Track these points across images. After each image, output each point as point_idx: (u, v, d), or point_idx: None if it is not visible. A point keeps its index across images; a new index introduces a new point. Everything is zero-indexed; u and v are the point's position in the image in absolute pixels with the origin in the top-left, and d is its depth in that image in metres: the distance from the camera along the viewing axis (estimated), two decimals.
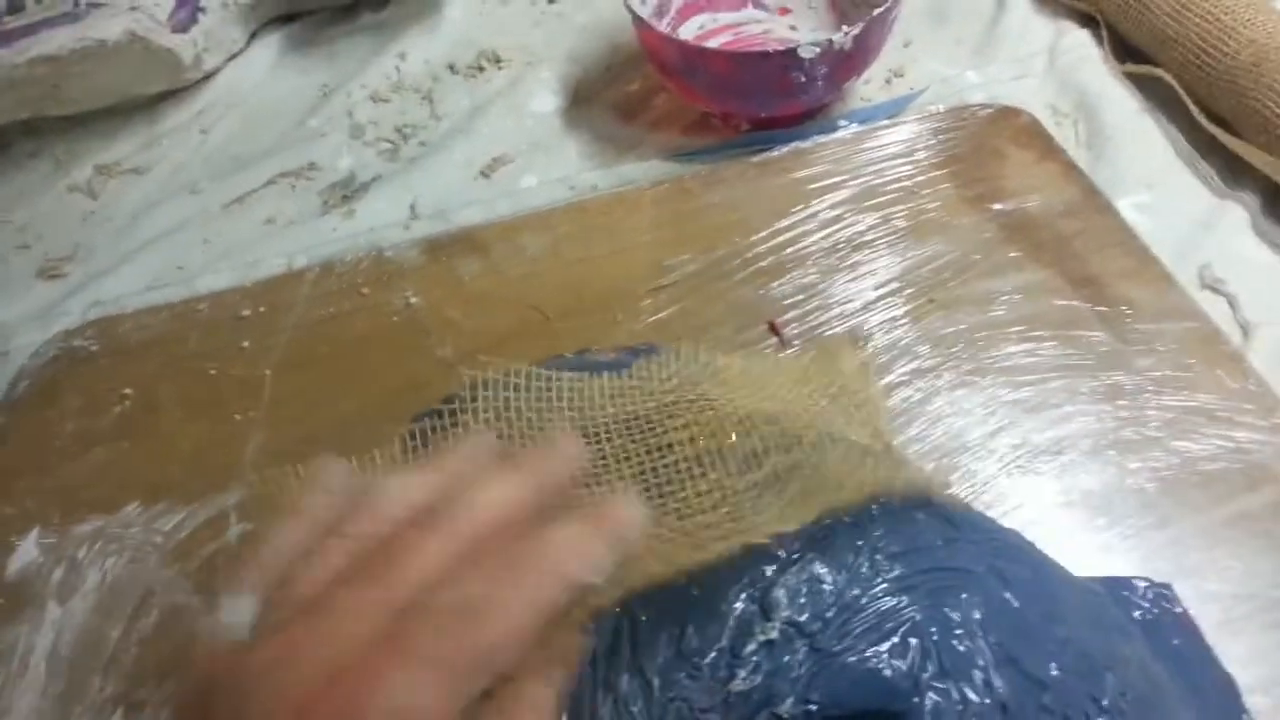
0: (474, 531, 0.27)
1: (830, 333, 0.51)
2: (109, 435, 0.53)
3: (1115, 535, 0.43)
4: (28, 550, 0.48)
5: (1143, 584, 0.40)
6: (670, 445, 0.35)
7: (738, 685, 0.28)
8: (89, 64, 0.63)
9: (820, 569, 0.30)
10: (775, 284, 0.54)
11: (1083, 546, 0.43)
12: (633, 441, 0.35)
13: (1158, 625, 0.39)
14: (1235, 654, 0.39)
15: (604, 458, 0.36)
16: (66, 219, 0.67)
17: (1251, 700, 0.38)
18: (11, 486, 0.51)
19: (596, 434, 0.36)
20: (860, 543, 0.30)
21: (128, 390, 0.54)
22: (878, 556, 0.30)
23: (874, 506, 0.32)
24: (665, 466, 0.34)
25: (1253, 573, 0.42)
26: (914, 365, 0.49)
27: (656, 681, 0.28)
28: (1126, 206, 0.56)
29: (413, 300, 0.57)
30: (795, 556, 0.30)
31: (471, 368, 0.52)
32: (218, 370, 0.55)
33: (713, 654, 0.28)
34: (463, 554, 0.26)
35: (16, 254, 0.65)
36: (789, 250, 0.56)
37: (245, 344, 0.55)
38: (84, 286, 0.62)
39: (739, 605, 0.29)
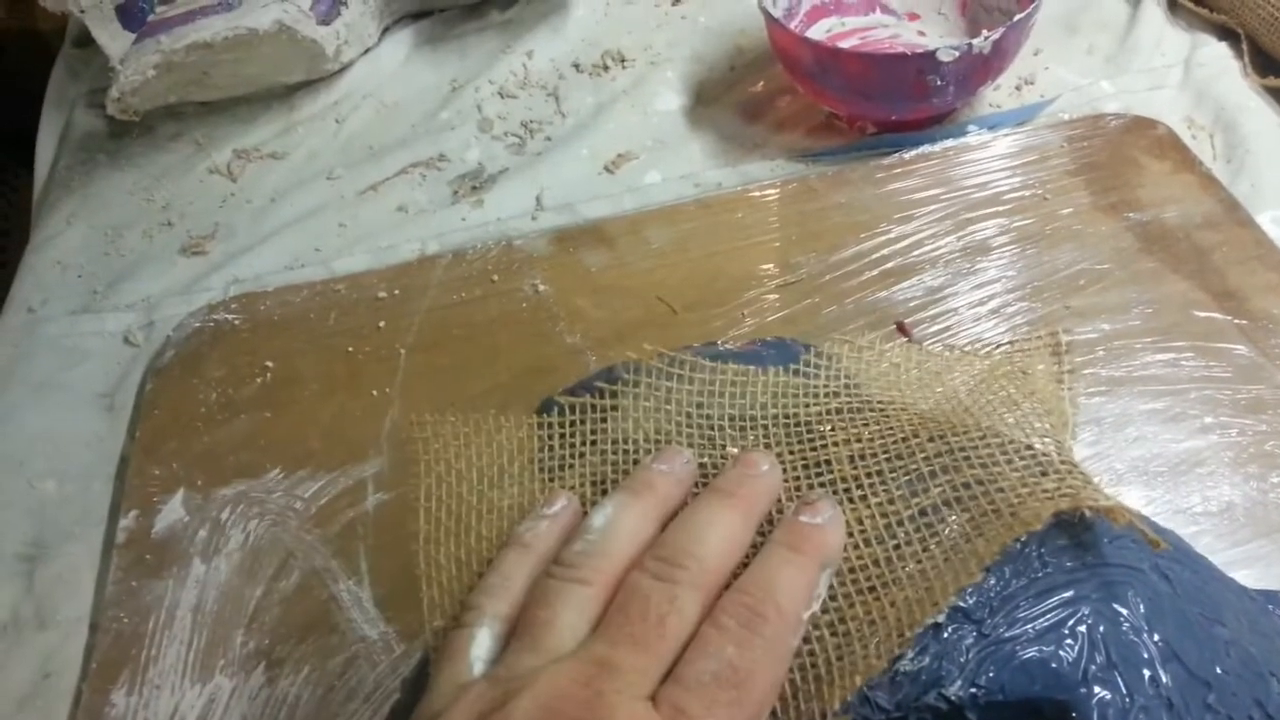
0: (714, 582, 0.28)
1: (960, 336, 0.51)
2: (251, 405, 0.55)
3: (1258, 548, 0.42)
4: (174, 510, 0.51)
5: None
6: (828, 461, 0.34)
7: (904, 665, 0.28)
8: (239, 52, 0.66)
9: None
10: (902, 285, 0.55)
11: (1224, 560, 0.42)
12: (790, 451, 0.35)
13: None
14: None
15: None
16: (207, 200, 0.70)
17: None
18: (159, 450, 0.54)
19: (756, 435, 0.36)
20: (1026, 534, 0.31)
21: (269, 363, 0.56)
22: (1044, 549, 0.30)
23: None
24: (821, 484, 0.33)
25: None
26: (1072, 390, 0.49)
27: None
28: (1267, 221, 0.55)
29: (541, 288, 0.58)
30: None
31: (599, 355, 0.54)
32: (354, 348, 0.56)
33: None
34: (706, 606, 0.27)
35: (160, 231, 0.68)
36: (916, 252, 0.56)
37: (381, 324, 0.57)
38: (225, 264, 0.64)
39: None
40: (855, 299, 0.54)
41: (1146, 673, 0.29)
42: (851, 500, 0.32)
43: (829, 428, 0.35)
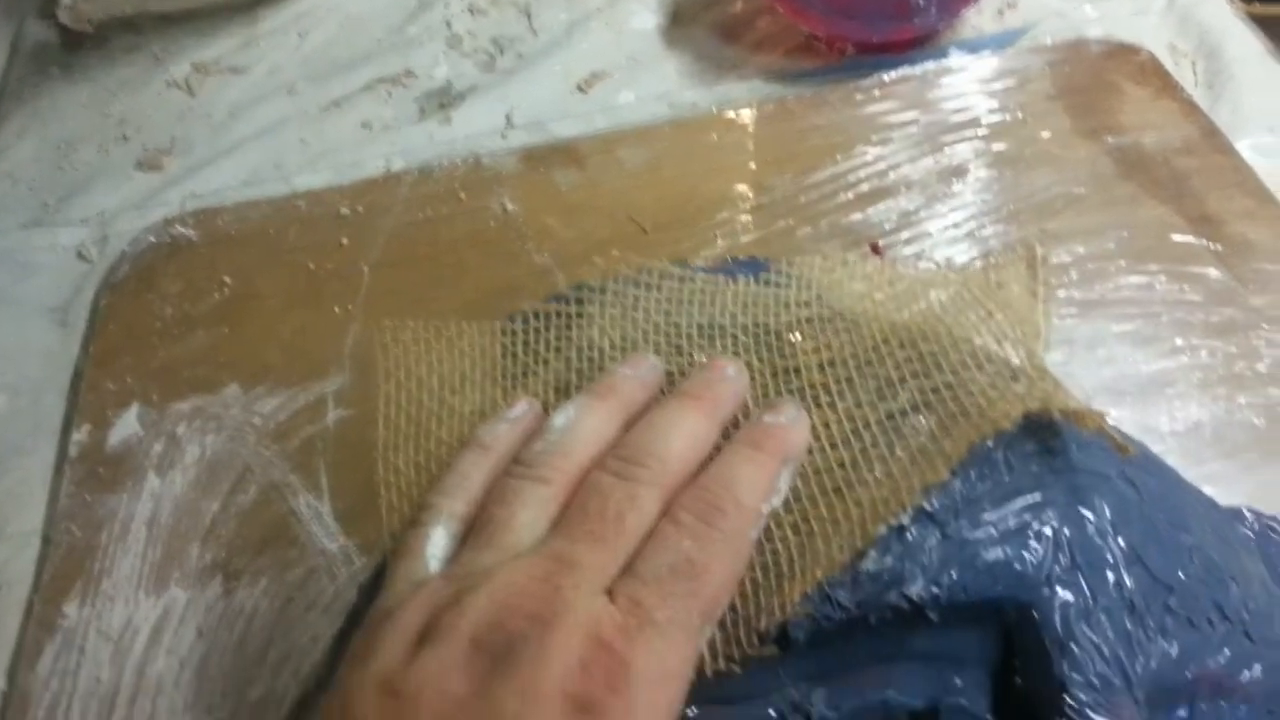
0: (675, 481, 0.27)
1: (934, 259, 0.50)
2: (208, 320, 0.53)
3: (1223, 468, 0.42)
4: (128, 424, 0.49)
5: (1250, 515, 0.39)
6: (797, 369, 0.33)
7: (867, 565, 0.28)
8: None
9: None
10: (877, 207, 0.54)
11: (1189, 478, 0.42)
12: (759, 359, 0.34)
13: (1266, 556, 0.38)
14: None
15: None
16: (164, 114, 0.68)
17: None
18: (113, 364, 0.52)
19: (725, 344, 0.35)
20: (993, 440, 0.30)
21: (227, 278, 0.55)
22: (1012, 453, 0.30)
23: None
24: (790, 391, 0.33)
25: None
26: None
27: None
28: (1246, 148, 0.55)
29: (509, 207, 0.57)
30: None
31: (568, 275, 0.53)
32: (316, 264, 0.55)
33: None
34: (666, 504, 0.27)
35: (115, 145, 0.66)
36: (892, 175, 0.55)
37: (344, 241, 0.56)
38: (182, 179, 0.62)
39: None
40: (829, 221, 0.53)
41: (1109, 575, 0.29)
42: (819, 405, 0.31)
43: (798, 336, 0.34)
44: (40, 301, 0.57)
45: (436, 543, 0.29)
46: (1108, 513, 0.29)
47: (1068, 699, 0.27)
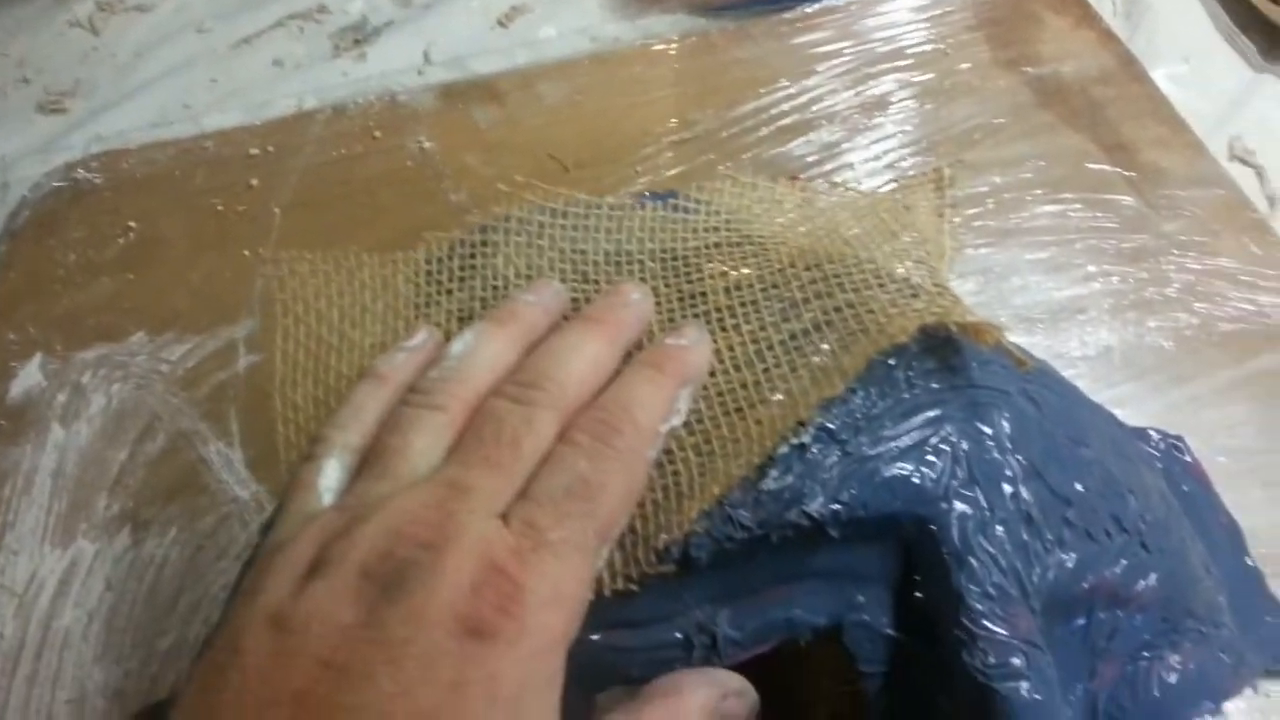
0: (573, 405, 0.27)
1: (864, 188, 0.50)
2: (113, 267, 0.52)
3: (1131, 390, 0.43)
4: (30, 374, 0.48)
5: (1156, 435, 0.40)
6: (703, 293, 0.33)
7: (769, 484, 0.28)
8: None
9: (854, 381, 0.29)
10: (799, 141, 0.53)
11: (1100, 401, 0.42)
12: (665, 285, 0.34)
13: (1169, 474, 0.39)
14: (1241, 502, 0.39)
15: None
16: (67, 54, 0.65)
17: (1254, 545, 0.38)
18: (14, 313, 0.50)
19: (631, 270, 0.35)
20: (896, 357, 0.30)
21: (132, 223, 0.53)
22: (913, 371, 0.30)
23: None
24: (695, 315, 0.32)
25: (1265, 429, 0.42)
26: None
27: None
28: (1162, 77, 0.55)
29: (426, 145, 0.55)
30: None
31: (486, 213, 0.52)
32: (225, 207, 0.53)
33: None
34: (564, 427, 0.27)
35: (15, 88, 0.63)
36: (815, 108, 0.55)
37: (254, 182, 0.54)
38: (86, 122, 0.60)
39: None
40: (752, 155, 0.53)
41: (1007, 489, 0.29)
42: (724, 329, 0.31)
43: (706, 261, 0.34)
44: None
45: (330, 475, 0.28)
46: (1006, 428, 0.30)
47: (965, 609, 0.27)
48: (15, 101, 0.62)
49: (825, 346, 0.29)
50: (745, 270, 0.33)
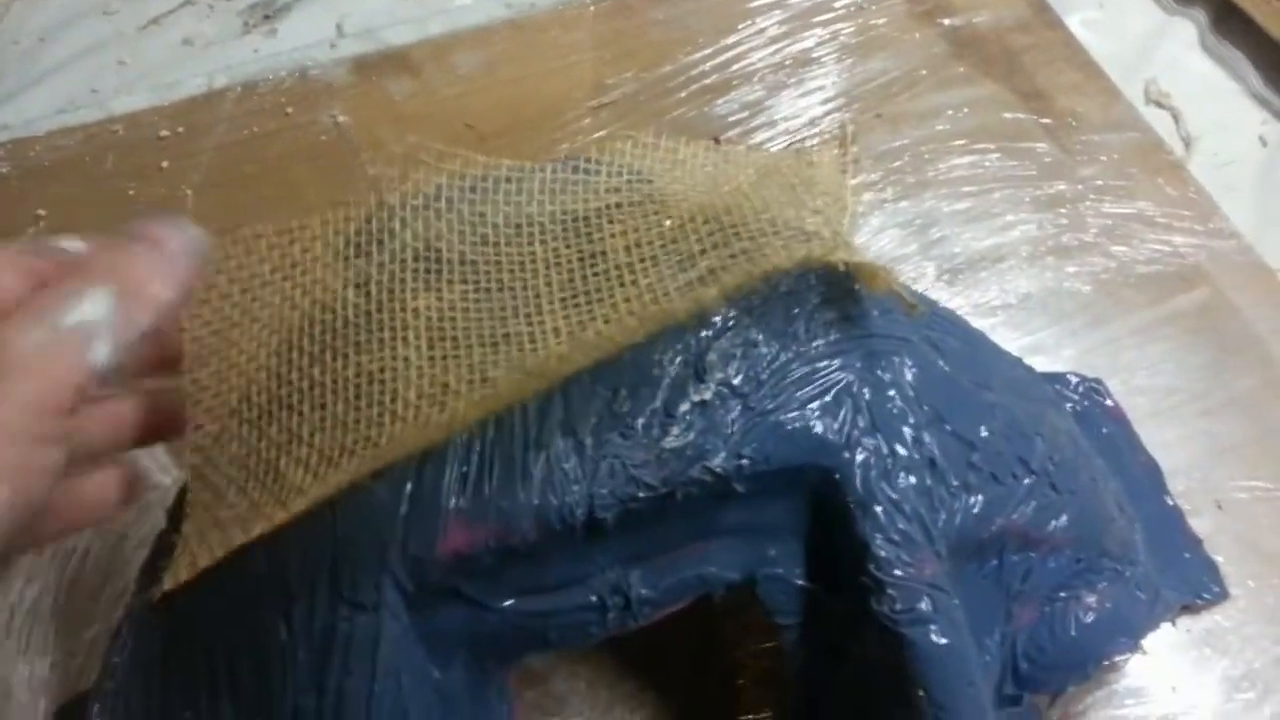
0: None
1: (786, 145, 0.50)
2: None
3: (1051, 335, 0.44)
4: None
5: (1075, 379, 0.41)
6: (604, 253, 0.33)
7: (670, 442, 0.28)
8: None
9: (755, 334, 0.29)
10: (720, 101, 0.53)
11: (1018, 348, 0.43)
12: (566, 246, 0.34)
13: (1088, 417, 0.39)
14: (1161, 441, 0.40)
15: (533, 261, 0.34)
16: None
17: (1174, 483, 0.39)
18: None
19: (531, 233, 0.34)
20: (796, 310, 0.30)
21: (41, 211, 0.52)
22: (813, 323, 0.30)
23: (812, 275, 0.31)
24: (595, 275, 0.32)
25: (1182, 368, 0.42)
26: (858, 179, 0.49)
27: (589, 441, 0.28)
28: (1076, 23, 0.55)
29: (341, 120, 0.54)
30: (730, 323, 0.29)
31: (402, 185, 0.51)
32: (137, 191, 0.52)
33: (645, 414, 0.28)
34: None
35: None
36: (735, 67, 0.54)
37: (165, 164, 0.53)
38: None
39: (672, 368, 0.29)
40: (673, 117, 0.53)
41: (910, 435, 0.29)
42: (624, 285, 0.31)
43: (606, 221, 0.33)
44: None
45: None
46: (908, 375, 0.30)
47: (871, 557, 0.28)
48: None
49: (717, 288, 0.29)
50: (645, 228, 0.33)
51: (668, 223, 0.33)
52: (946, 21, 0.55)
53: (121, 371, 0.25)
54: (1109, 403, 0.40)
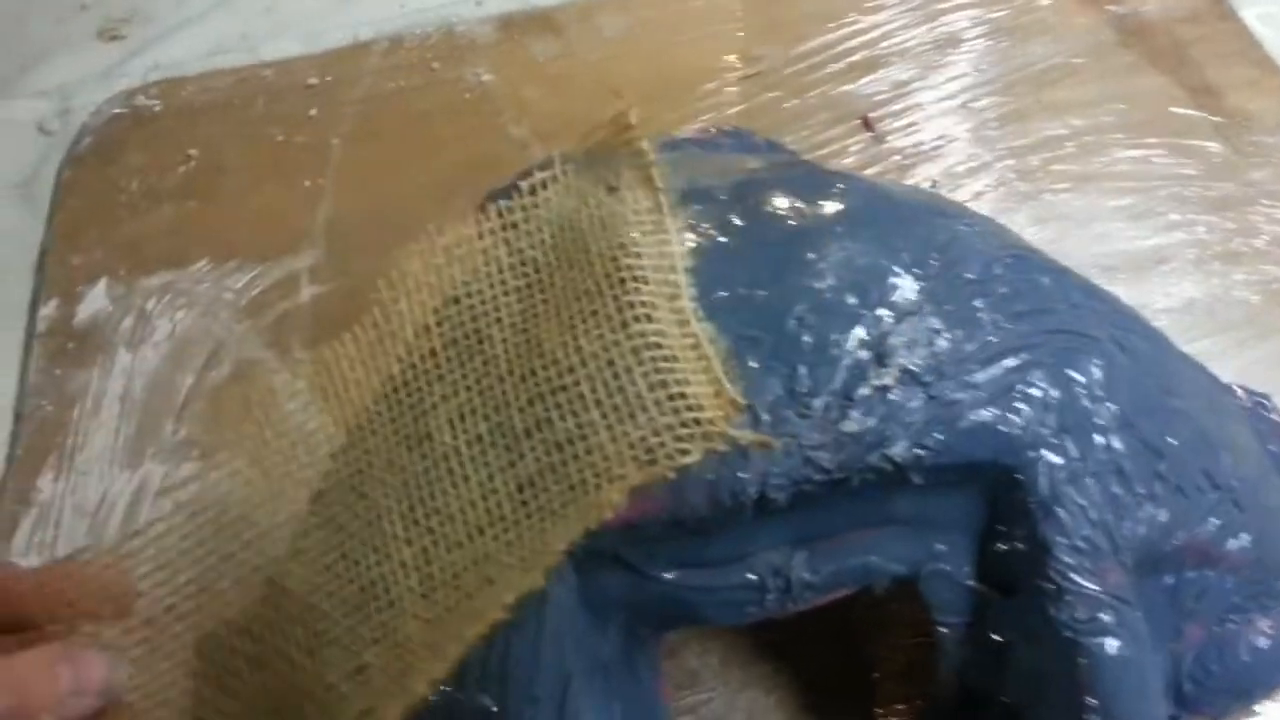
0: None
1: (926, 131, 0.48)
2: (175, 194, 0.51)
3: (1214, 344, 0.42)
4: (96, 299, 0.48)
5: (1242, 391, 0.39)
6: (429, 435, 0.28)
7: (849, 426, 0.27)
8: None
9: (938, 322, 0.28)
10: (868, 79, 0.52)
11: None
12: (392, 420, 0.29)
13: (1255, 431, 0.38)
14: None
15: (365, 449, 0.30)
16: None
17: None
18: (79, 239, 0.50)
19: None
20: (981, 299, 0.29)
21: (193, 151, 0.53)
22: (999, 315, 0.29)
23: (998, 266, 0.30)
24: (426, 468, 0.28)
25: None
26: (1015, 164, 0.47)
27: (766, 418, 0.27)
28: (1252, 17, 0.53)
29: (485, 78, 0.54)
30: (913, 307, 0.29)
31: (545, 149, 0.51)
32: (284, 137, 0.53)
33: (824, 395, 0.27)
34: None
35: (73, 15, 0.63)
36: (884, 44, 0.53)
37: (312, 112, 0.54)
38: (144, 50, 0.60)
39: (851, 349, 0.28)
40: (819, 93, 0.52)
41: (1098, 439, 0.28)
42: (455, 484, 0.27)
43: (425, 376, 0.29)
44: (4, 175, 0.55)
45: None
46: (1097, 375, 0.29)
47: (1052, 562, 0.27)
48: (74, 29, 0.62)
49: (549, 504, 0.25)
50: (464, 383, 0.28)
51: (486, 379, 0.28)
52: (1112, 9, 0.53)
53: None
54: (1275, 419, 0.39)
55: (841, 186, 0.32)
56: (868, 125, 0.49)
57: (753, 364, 0.28)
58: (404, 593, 0.27)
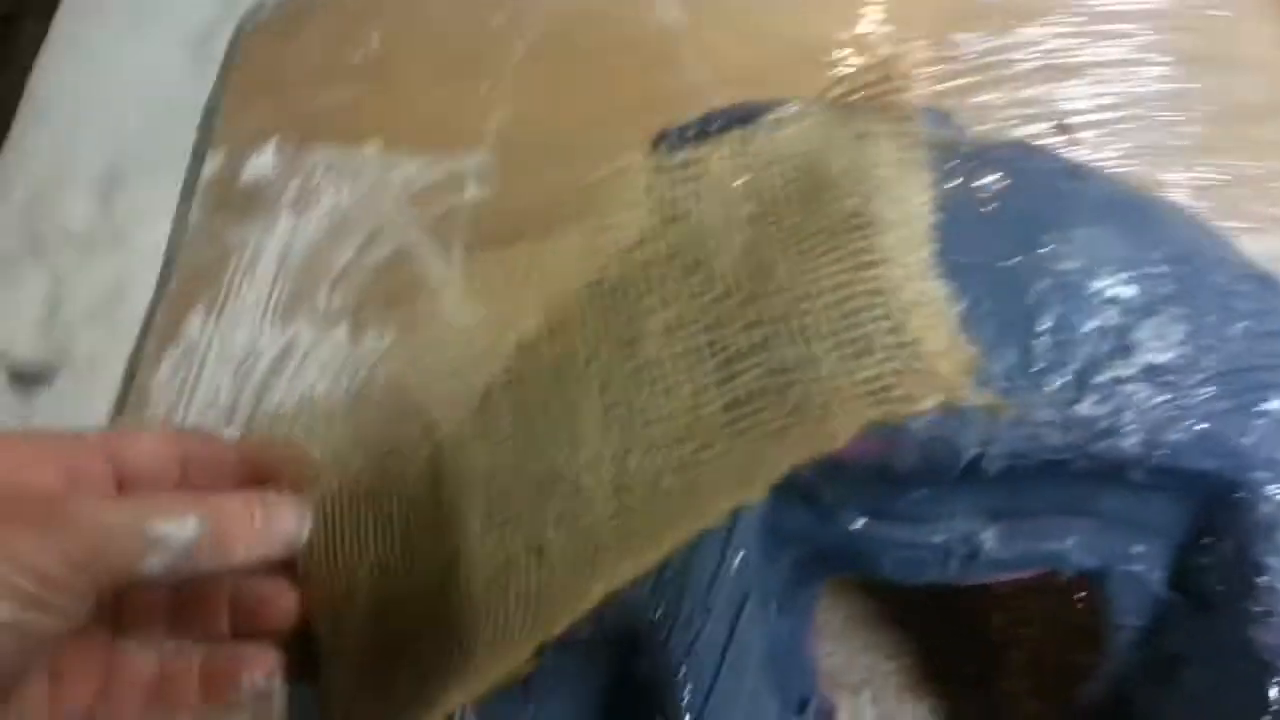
0: None
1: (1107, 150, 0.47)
2: (352, 75, 0.51)
3: None
4: (265, 159, 0.48)
5: None
6: (639, 338, 0.28)
7: (1083, 410, 0.26)
8: None
9: (1185, 325, 0.28)
10: (1073, 83, 0.50)
11: None
12: (604, 326, 0.29)
13: None
14: None
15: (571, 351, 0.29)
16: None
17: None
18: (250, 100, 0.51)
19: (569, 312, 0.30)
20: (1228, 311, 0.28)
21: (375, 35, 0.53)
22: (1244, 328, 0.28)
23: (1244, 283, 0.29)
24: (633, 374, 0.27)
25: None
26: (1202, 195, 0.46)
27: (1000, 385, 0.26)
28: None
29: (674, 15, 0.53)
30: (1159, 303, 0.28)
31: (724, 98, 0.50)
32: (467, 39, 0.53)
33: (1060, 373, 0.27)
34: None
35: None
36: (1086, 52, 0.51)
37: (498, 21, 0.53)
38: None
39: (1092, 334, 0.27)
40: (1010, 89, 0.50)
41: None
42: (664, 393, 0.27)
43: (644, 287, 0.29)
44: (180, 30, 0.55)
45: None
46: None
47: (1263, 585, 0.26)
48: None
49: (761, 427, 0.25)
50: (683, 297, 0.28)
51: (707, 296, 0.28)
52: None
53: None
54: None
55: (1090, 174, 0.31)
56: (1064, 130, 0.48)
57: (990, 330, 0.27)
58: (594, 485, 0.27)
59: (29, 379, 0.43)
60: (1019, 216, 0.29)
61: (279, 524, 0.28)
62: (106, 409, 0.42)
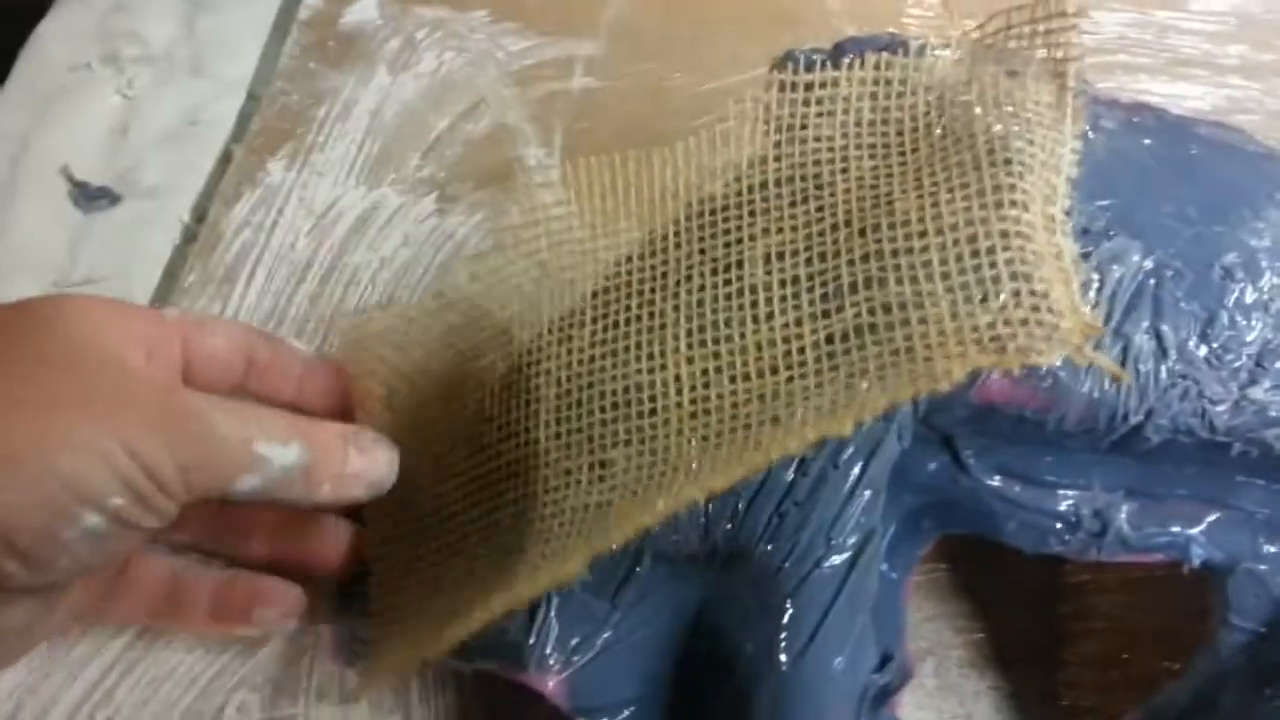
0: None
1: None
2: None
3: None
4: (367, 8, 0.45)
5: None
6: (740, 261, 0.26)
7: (1257, 393, 0.25)
8: None
9: None
10: (1196, 88, 0.48)
11: None
12: (700, 248, 0.28)
13: None
14: None
15: (662, 269, 0.28)
16: None
17: None
18: None
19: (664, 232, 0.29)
20: None
21: None
22: None
23: None
24: (728, 297, 0.26)
25: None
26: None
27: (1174, 355, 0.25)
28: None
29: None
30: None
31: (856, 28, 0.48)
32: None
33: (1238, 352, 0.25)
34: None
35: None
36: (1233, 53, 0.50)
37: None
38: None
39: (1276, 320, 0.26)
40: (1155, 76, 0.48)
41: None
42: (756, 321, 0.25)
43: (748, 211, 0.27)
44: None
45: None
46: None
47: None
48: None
49: (859, 365, 0.23)
50: (790, 225, 0.27)
51: (816, 226, 0.26)
52: None
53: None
54: None
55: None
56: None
57: (1175, 294, 0.26)
58: (671, 406, 0.25)
59: (91, 194, 0.41)
60: (1216, 185, 0.28)
61: (371, 470, 0.27)
62: (171, 241, 0.40)
